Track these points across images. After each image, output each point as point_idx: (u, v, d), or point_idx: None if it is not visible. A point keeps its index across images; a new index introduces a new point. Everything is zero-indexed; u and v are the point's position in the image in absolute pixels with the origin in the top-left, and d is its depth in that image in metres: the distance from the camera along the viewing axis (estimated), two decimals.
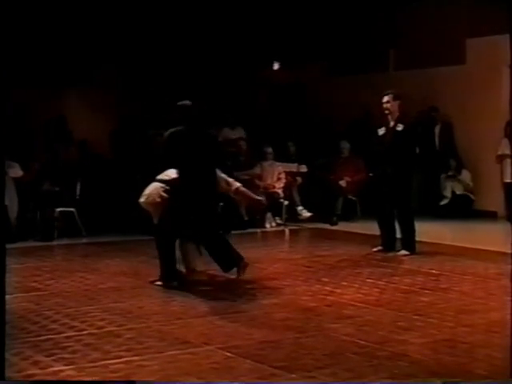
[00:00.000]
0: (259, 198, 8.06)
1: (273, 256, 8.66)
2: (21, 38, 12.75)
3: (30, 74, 13.60)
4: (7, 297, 5.42)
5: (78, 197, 11.90)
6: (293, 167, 13.94)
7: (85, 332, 6.04)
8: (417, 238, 9.86)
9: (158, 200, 7.98)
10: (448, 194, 13.96)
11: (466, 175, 13.93)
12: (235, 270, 8.05)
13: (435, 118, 14.32)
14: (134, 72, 14.92)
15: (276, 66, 16.42)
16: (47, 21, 13.65)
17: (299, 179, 13.79)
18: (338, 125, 15.02)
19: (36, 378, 4.90)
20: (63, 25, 13.86)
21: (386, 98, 9.85)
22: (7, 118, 4.68)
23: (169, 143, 7.94)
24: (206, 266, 8.31)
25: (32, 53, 13.65)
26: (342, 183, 13.75)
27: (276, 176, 13.46)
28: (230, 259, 8.10)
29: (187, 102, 8.11)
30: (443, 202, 13.97)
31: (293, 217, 13.19)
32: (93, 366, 5.13)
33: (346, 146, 14.19)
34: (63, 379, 4.90)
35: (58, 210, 11.60)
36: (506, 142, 12.35)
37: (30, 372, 5.01)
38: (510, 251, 7.09)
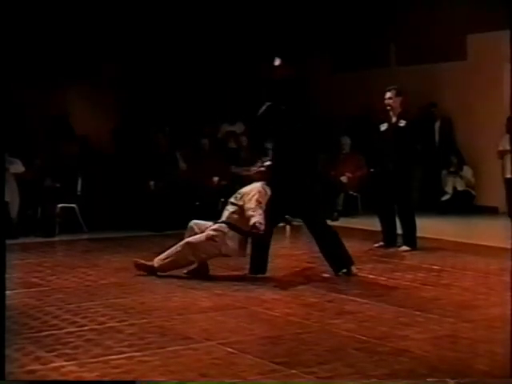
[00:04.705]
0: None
1: (274, 252, 8.64)
2: (24, 37, 12.77)
3: (33, 71, 13.62)
4: (9, 292, 5.45)
5: (79, 193, 11.93)
6: None
7: (86, 328, 6.05)
8: (418, 234, 9.87)
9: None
10: (449, 189, 13.97)
11: (467, 171, 13.94)
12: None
13: (435, 113, 14.33)
14: (135, 69, 14.91)
15: (277, 62, 16.38)
16: (50, 19, 13.67)
17: None
18: (338, 120, 15.01)
19: (37, 374, 4.90)
20: (66, 23, 13.88)
21: (388, 94, 9.86)
22: (9, 114, 4.68)
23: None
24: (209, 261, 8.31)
25: (35, 51, 13.67)
26: (343, 179, 13.76)
27: None
28: (341, 259, 8.19)
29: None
30: (444, 198, 13.98)
31: None
32: (94, 362, 5.13)
33: (347, 141, 14.20)
34: (64, 375, 4.90)
35: (60, 205, 11.62)
36: (506, 137, 12.33)
37: (31, 367, 5.01)
38: (510, 246, 7.09)
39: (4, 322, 4.40)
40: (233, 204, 8.10)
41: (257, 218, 7.69)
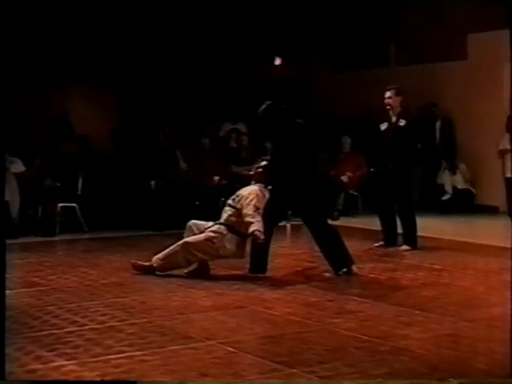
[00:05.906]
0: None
1: (274, 251, 8.65)
2: (24, 37, 12.77)
3: (33, 71, 13.62)
4: (9, 292, 5.45)
5: (79, 192, 11.92)
6: None
7: (86, 327, 6.05)
8: (418, 233, 9.87)
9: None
10: (449, 189, 13.97)
11: (462, 167, 13.99)
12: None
13: (435, 113, 14.34)
14: (135, 69, 14.92)
15: (278, 61, 16.42)
16: (50, 19, 13.66)
17: None
18: (338, 120, 15.01)
19: (38, 373, 4.90)
20: (66, 23, 13.88)
21: (388, 94, 9.86)
22: (9, 114, 4.68)
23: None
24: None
25: (35, 51, 13.67)
26: (344, 178, 13.76)
27: None
28: (341, 258, 8.20)
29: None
30: (445, 197, 13.98)
31: None
32: (94, 361, 5.13)
33: (347, 141, 14.20)
34: (65, 374, 4.90)
35: (60, 205, 11.61)
36: (507, 136, 12.33)
37: (31, 367, 5.01)
38: (511, 246, 7.09)
39: (4, 322, 4.40)
40: (230, 206, 8.09)
41: (256, 225, 7.66)
